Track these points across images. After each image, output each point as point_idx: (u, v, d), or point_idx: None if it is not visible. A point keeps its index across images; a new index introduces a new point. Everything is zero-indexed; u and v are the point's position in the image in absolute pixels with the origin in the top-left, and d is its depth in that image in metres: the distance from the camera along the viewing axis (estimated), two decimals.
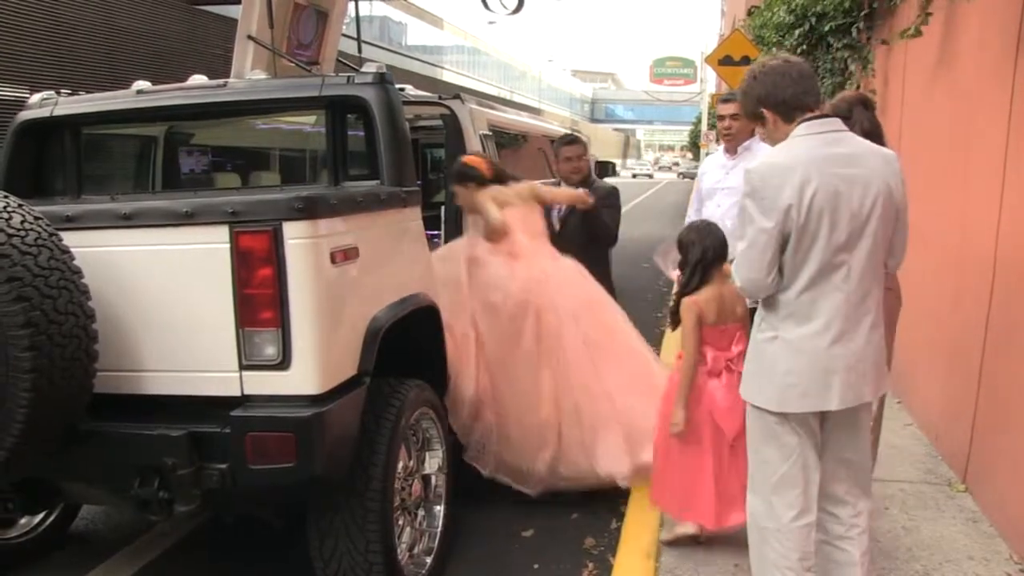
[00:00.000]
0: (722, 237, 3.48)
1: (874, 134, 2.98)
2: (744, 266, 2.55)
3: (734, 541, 3.57)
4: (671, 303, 3.60)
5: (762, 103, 2.59)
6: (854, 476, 2.72)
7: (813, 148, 2.47)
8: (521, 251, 4.17)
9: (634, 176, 66.09)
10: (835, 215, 2.43)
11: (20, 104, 4.04)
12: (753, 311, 2.99)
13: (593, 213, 4.71)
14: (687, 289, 3.43)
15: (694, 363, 3.40)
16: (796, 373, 2.53)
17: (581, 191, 4.71)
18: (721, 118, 4.56)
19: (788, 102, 2.54)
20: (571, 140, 5.09)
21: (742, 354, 3.32)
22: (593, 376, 4.07)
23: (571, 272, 4.30)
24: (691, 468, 3.46)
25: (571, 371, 4.03)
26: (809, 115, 2.54)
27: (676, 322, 3.48)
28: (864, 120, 3.14)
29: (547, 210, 4.90)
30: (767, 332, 2.61)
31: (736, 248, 2.65)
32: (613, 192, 4.99)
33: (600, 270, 4.81)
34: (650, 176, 67.28)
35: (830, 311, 2.50)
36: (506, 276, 4.09)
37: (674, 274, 3.61)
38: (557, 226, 4.77)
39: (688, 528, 3.61)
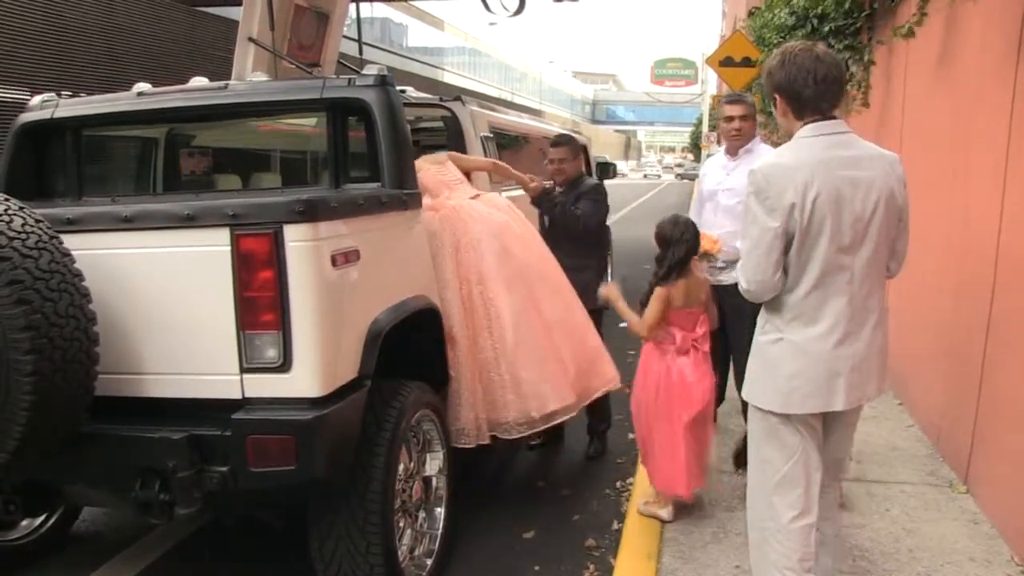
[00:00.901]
0: (698, 234, 3.81)
1: None
2: (751, 267, 2.54)
3: (735, 543, 3.58)
4: (645, 288, 3.82)
5: (779, 91, 2.59)
6: (837, 466, 2.81)
7: (817, 151, 2.48)
8: (438, 205, 4.10)
9: (644, 176, 69.89)
10: (838, 217, 2.44)
11: (20, 106, 4.05)
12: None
13: (547, 199, 4.71)
14: (665, 281, 3.72)
15: (648, 326, 3.77)
16: (801, 375, 2.54)
17: (495, 161, 4.87)
18: (729, 119, 4.50)
19: (804, 102, 2.54)
20: (556, 142, 4.97)
21: (706, 334, 3.83)
22: (530, 309, 4.00)
23: (492, 207, 4.23)
24: (667, 442, 3.79)
25: (500, 307, 3.92)
26: (817, 117, 2.53)
27: (646, 304, 3.81)
28: None
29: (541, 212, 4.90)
30: (771, 334, 2.61)
31: (741, 249, 2.65)
32: (596, 187, 4.97)
33: (592, 265, 4.79)
34: (659, 176, 70.64)
35: (835, 313, 2.51)
36: (434, 226, 3.98)
37: None
38: (547, 223, 4.79)
39: (665, 512, 3.88)
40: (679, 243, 3.71)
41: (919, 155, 5.29)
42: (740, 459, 4.10)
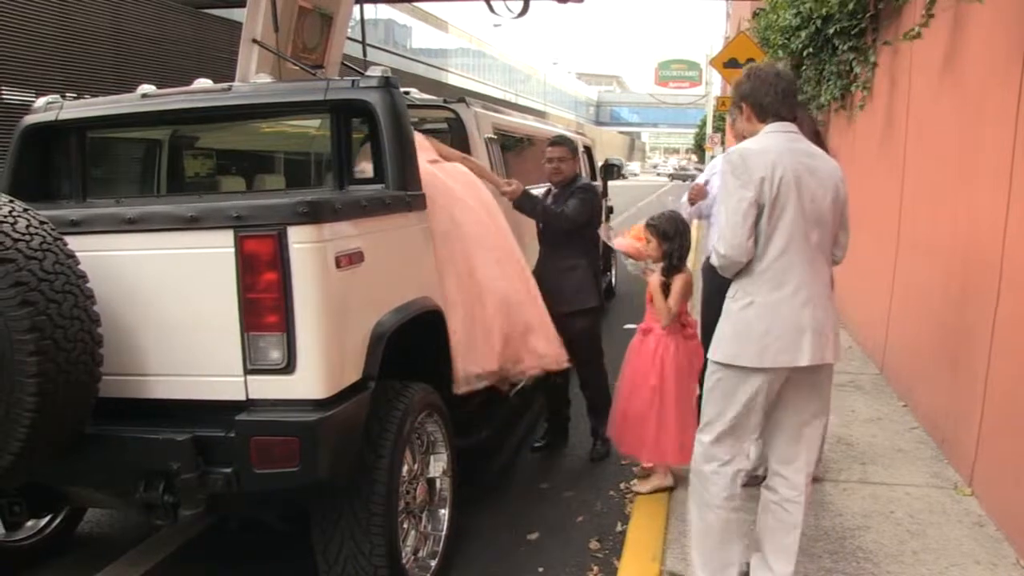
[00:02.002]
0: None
1: (820, 133, 3.56)
2: (729, 232, 2.89)
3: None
4: (661, 277, 4.13)
5: (744, 99, 3.05)
6: (810, 441, 3.10)
7: (782, 142, 2.93)
8: None
9: (658, 175, 78.40)
10: (799, 193, 2.85)
11: (27, 108, 4.05)
12: None
13: (528, 201, 4.71)
14: (679, 269, 4.12)
15: (675, 312, 4.11)
16: (774, 332, 2.88)
17: (466, 156, 4.80)
18: None
19: (765, 107, 3.00)
20: (554, 142, 4.99)
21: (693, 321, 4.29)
22: (465, 274, 4.01)
23: (450, 176, 4.22)
24: (676, 418, 4.06)
25: (442, 266, 3.91)
26: (777, 120, 2.99)
27: (667, 292, 4.13)
28: (810, 120, 3.61)
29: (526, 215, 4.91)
30: (743, 300, 2.95)
31: (720, 221, 3.01)
32: (586, 185, 4.99)
33: (582, 264, 4.79)
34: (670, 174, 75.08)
35: (798, 278, 2.89)
36: None
37: (616, 242, 4.31)
38: (539, 226, 4.83)
39: (667, 480, 4.24)
40: (682, 235, 4.12)
41: (924, 156, 5.28)
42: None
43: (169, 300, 2.82)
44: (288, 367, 2.75)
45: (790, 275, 2.88)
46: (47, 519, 3.85)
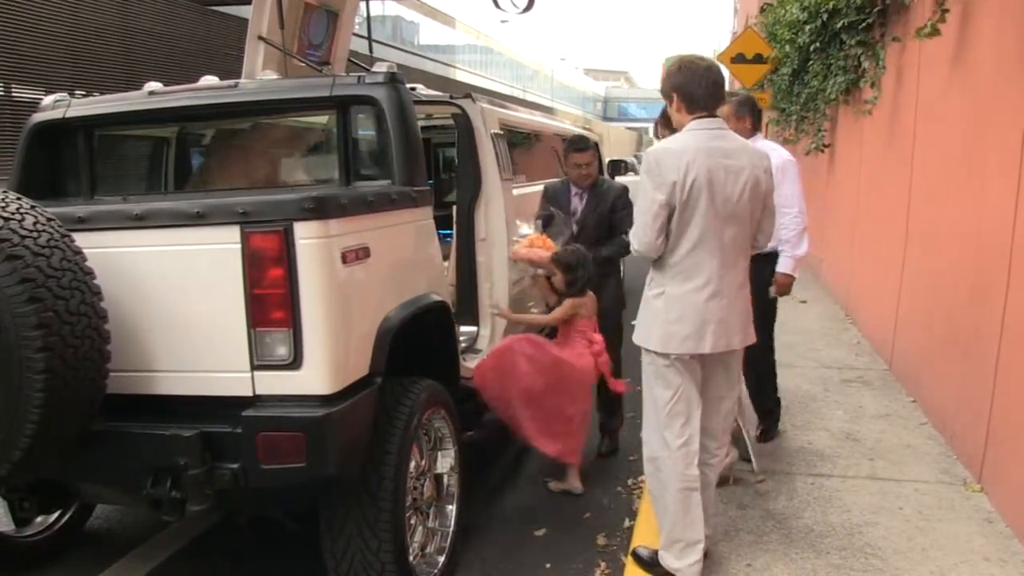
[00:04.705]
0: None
1: None
2: (640, 231, 3.06)
3: (746, 540, 3.57)
4: (556, 301, 4.43)
5: (676, 90, 3.12)
6: (724, 414, 3.32)
7: (700, 141, 3.01)
8: None
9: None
10: (712, 194, 2.97)
11: (35, 105, 4.06)
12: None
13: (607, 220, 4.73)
14: (580, 295, 4.35)
15: (549, 323, 4.50)
16: (679, 321, 3.06)
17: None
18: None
19: (695, 99, 3.07)
20: (581, 147, 4.98)
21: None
22: None
23: None
24: (575, 419, 4.20)
25: None
26: (704, 114, 3.07)
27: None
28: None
29: (566, 212, 4.89)
30: (656, 289, 3.14)
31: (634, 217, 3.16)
32: (623, 194, 4.95)
33: (612, 272, 4.79)
34: None
35: (707, 273, 3.03)
36: None
37: (522, 252, 4.52)
38: (575, 229, 4.76)
39: (576, 486, 4.39)
40: (582, 267, 4.31)
41: (932, 151, 5.26)
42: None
43: (176, 296, 2.82)
44: (295, 363, 2.75)
45: (699, 270, 3.03)
46: (56, 515, 3.86)
